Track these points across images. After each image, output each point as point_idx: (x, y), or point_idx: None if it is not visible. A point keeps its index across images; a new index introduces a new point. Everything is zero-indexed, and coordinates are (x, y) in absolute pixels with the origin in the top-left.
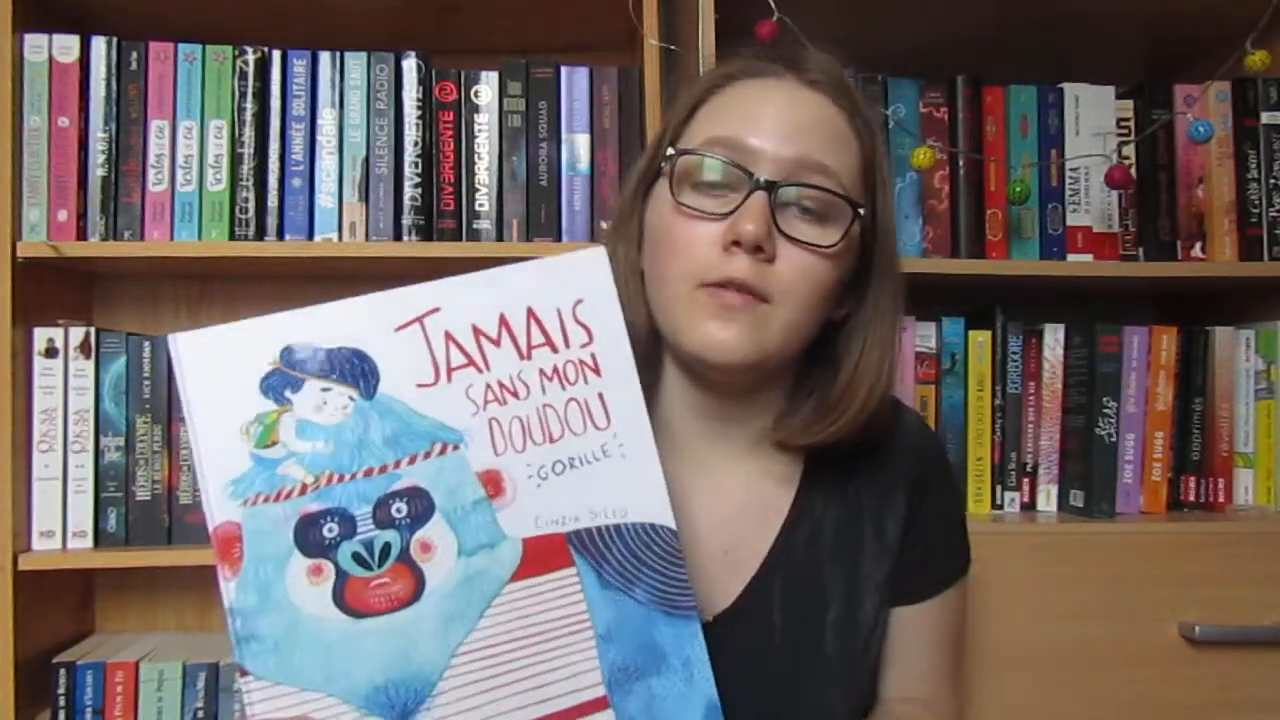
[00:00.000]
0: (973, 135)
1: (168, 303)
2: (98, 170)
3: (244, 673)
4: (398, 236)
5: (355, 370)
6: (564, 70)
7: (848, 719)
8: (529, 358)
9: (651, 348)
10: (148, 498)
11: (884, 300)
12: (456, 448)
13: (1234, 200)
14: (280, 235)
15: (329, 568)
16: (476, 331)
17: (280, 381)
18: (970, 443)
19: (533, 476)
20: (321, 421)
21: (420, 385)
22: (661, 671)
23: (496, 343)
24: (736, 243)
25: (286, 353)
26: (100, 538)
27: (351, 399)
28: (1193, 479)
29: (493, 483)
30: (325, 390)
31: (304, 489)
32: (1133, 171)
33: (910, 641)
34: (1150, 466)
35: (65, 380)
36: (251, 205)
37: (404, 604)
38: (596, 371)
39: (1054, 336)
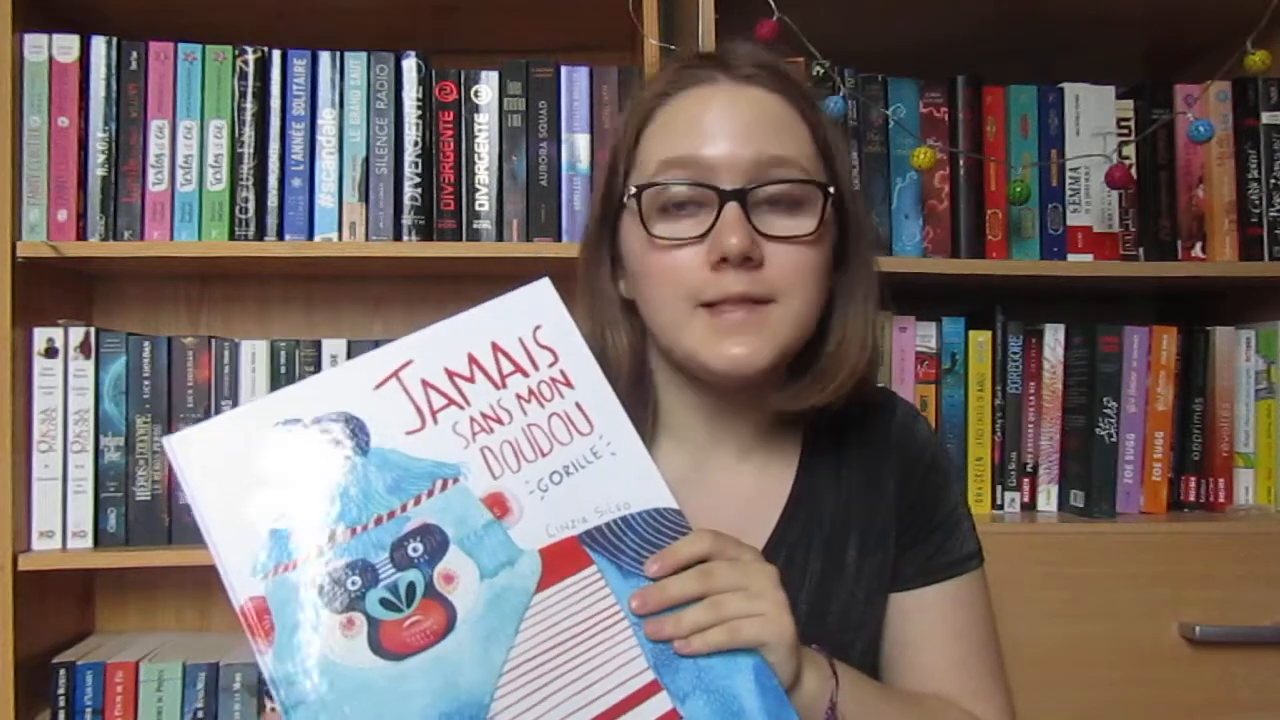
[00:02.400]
0: (973, 135)
1: (168, 303)
2: (98, 170)
3: None
4: (398, 236)
5: (345, 431)
6: (564, 70)
7: None
8: (504, 386)
9: (640, 367)
10: (148, 498)
11: (861, 263)
12: (457, 480)
13: (1234, 200)
14: (280, 235)
15: (360, 619)
16: (450, 374)
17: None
18: (970, 443)
19: (534, 491)
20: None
21: (409, 432)
22: None
23: (471, 380)
24: (724, 259)
25: (278, 429)
26: (100, 538)
27: (348, 458)
28: (1193, 479)
29: (498, 504)
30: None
31: (320, 550)
32: (1133, 171)
33: (926, 634)
34: (1150, 466)
35: (65, 380)
36: (251, 205)
37: (440, 636)
38: (569, 384)
39: (1054, 336)
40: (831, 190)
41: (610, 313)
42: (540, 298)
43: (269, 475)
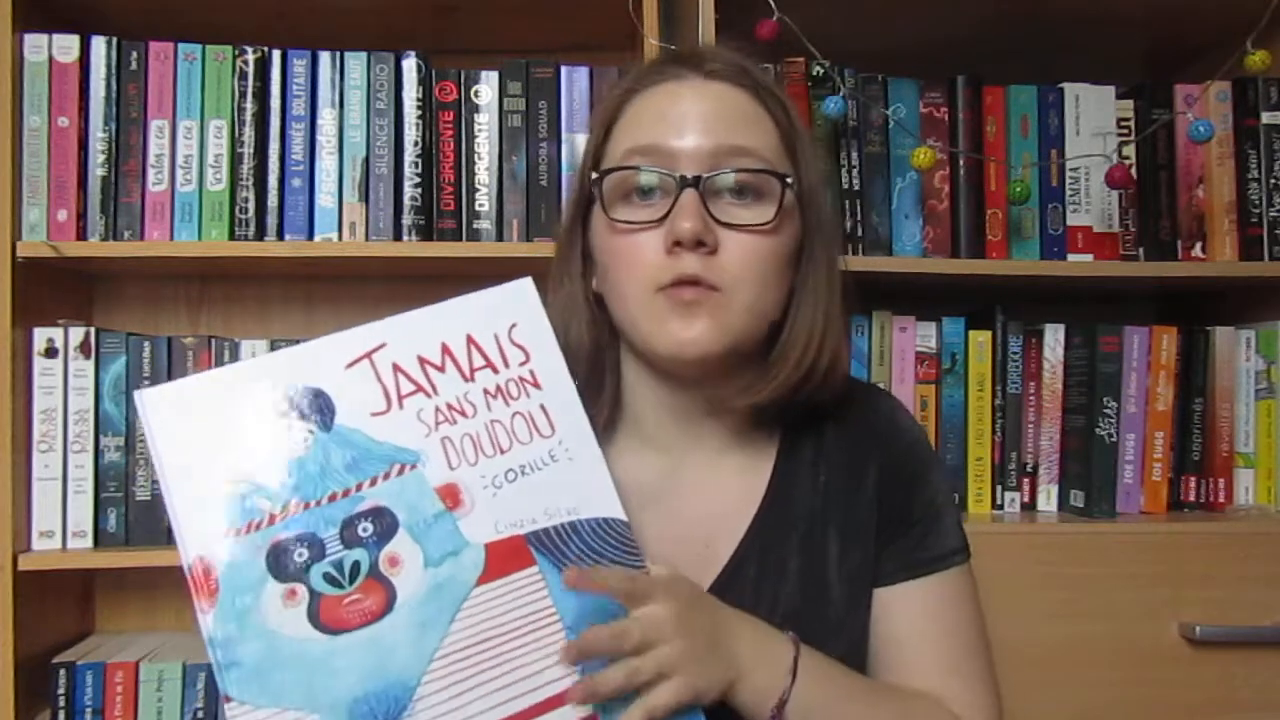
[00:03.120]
0: (973, 135)
1: (168, 303)
2: (98, 170)
3: (228, 699)
4: (398, 236)
5: (312, 406)
6: (564, 70)
7: None
8: (473, 379)
9: (598, 360)
10: (148, 498)
11: (819, 258)
12: (414, 467)
13: (1234, 200)
14: (280, 235)
15: (302, 590)
16: (422, 361)
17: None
18: (970, 443)
19: (488, 486)
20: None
21: (374, 414)
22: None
23: (441, 369)
24: (678, 243)
25: (249, 397)
26: (100, 538)
27: (311, 432)
28: (1193, 479)
29: (451, 495)
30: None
31: (272, 519)
32: (1133, 171)
33: (910, 631)
34: (1150, 466)
35: (65, 380)
36: (251, 205)
37: (377, 617)
38: (536, 385)
39: (1054, 336)
40: (790, 180)
41: (574, 305)
42: (520, 296)
43: (232, 440)
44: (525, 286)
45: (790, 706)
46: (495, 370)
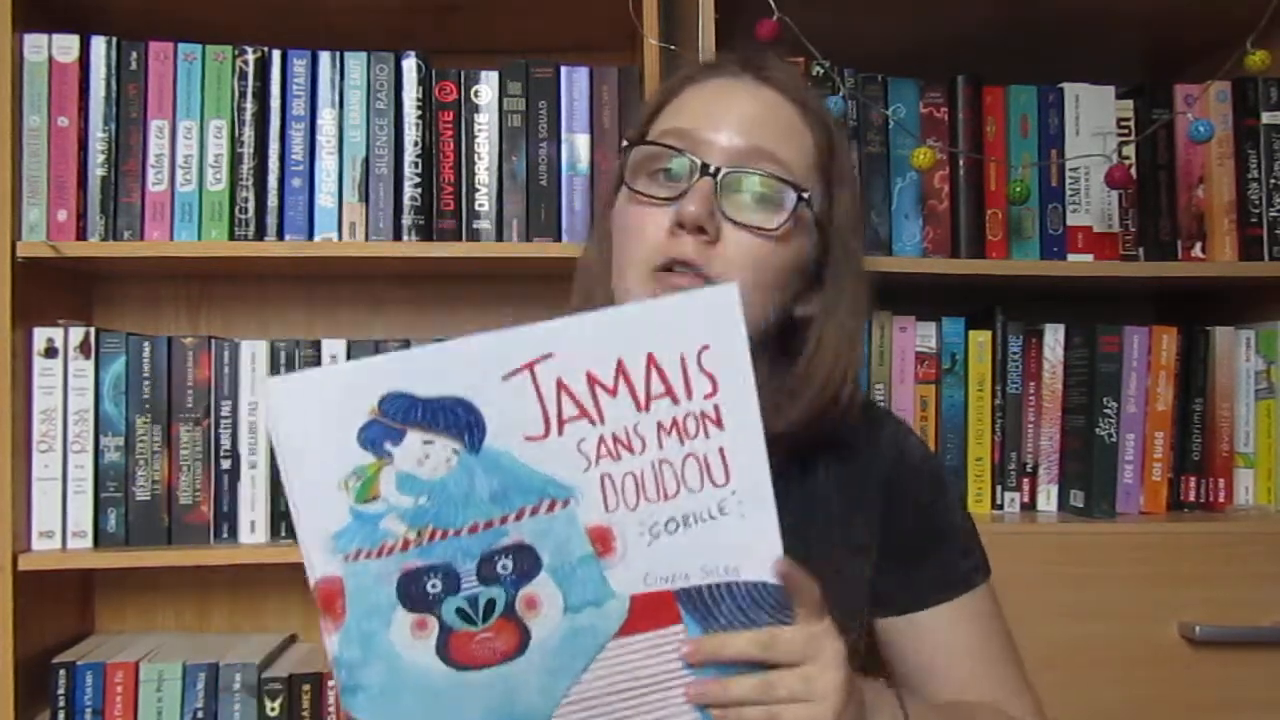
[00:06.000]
0: (973, 135)
1: (167, 303)
2: (97, 170)
3: None
4: (397, 236)
5: (460, 422)
6: (564, 70)
7: None
8: (647, 409)
9: None
10: (147, 498)
11: (842, 295)
12: (566, 504)
13: (1234, 200)
14: (280, 235)
15: (433, 622)
16: (591, 380)
17: (380, 434)
18: (970, 443)
19: (644, 534)
20: (424, 476)
21: (529, 438)
22: None
23: (613, 393)
24: (681, 225)
25: (386, 402)
26: (100, 538)
27: (455, 452)
28: (1193, 479)
29: (602, 540)
30: (428, 443)
31: (406, 545)
32: (1133, 171)
33: (947, 651)
34: (1150, 466)
35: (65, 380)
36: (251, 205)
37: (508, 658)
38: (719, 425)
39: (1054, 336)
40: (805, 195)
41: (590, 279)
42: (721, 309)
43: (367, 451)
44: (729, 295)
45: None
46: (675, 401)
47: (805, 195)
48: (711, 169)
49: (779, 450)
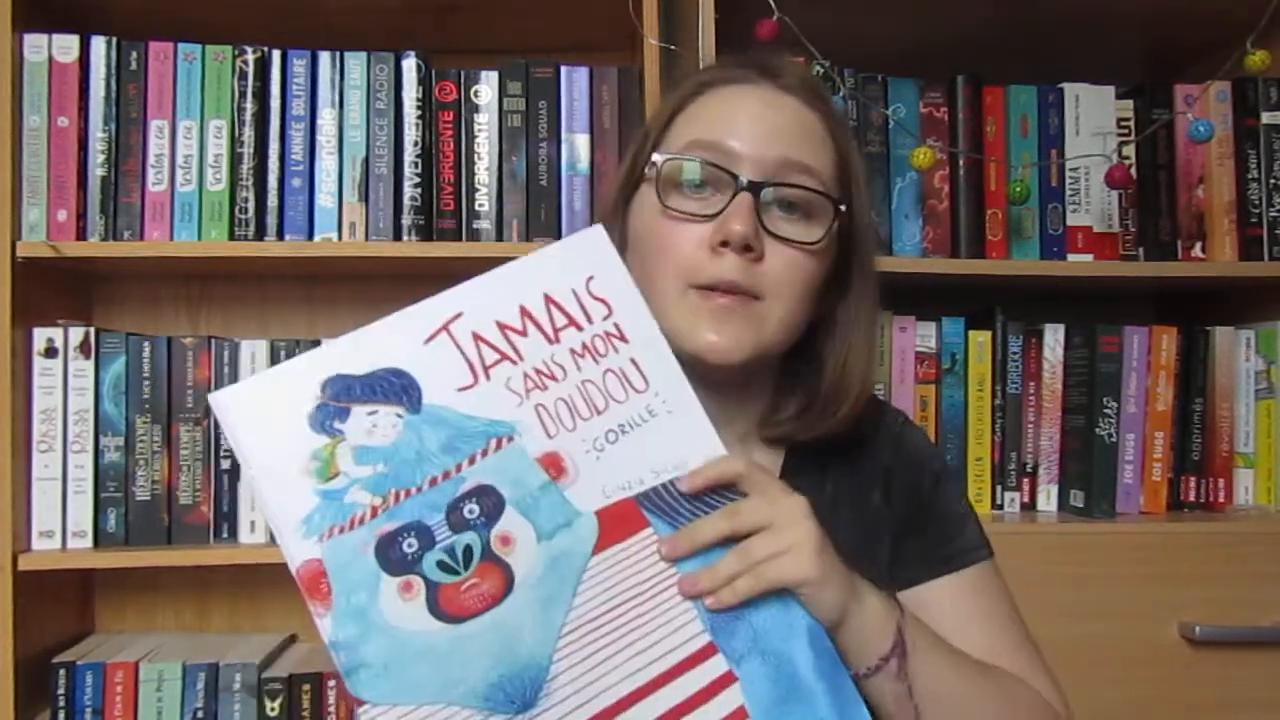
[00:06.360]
0: (973, 135)
1: (167, 303)
2: (97, 170)
3: (360, 703)
4: (397, 236)
5: (396, 387)
6: (564, 70)
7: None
8: (558, 341)
9: None
10: (147, 498)
11: (866, 297)
12: (512, 439)
13: (1234, 200)
14: (280, 235)
15: (418, 582)
16: (501, 327)
17: (327, 414)
18: (970, 443)
19: (590, 451)
20: (376, 444)
21: (461, 388)
22: (756, 605)
23: (523, 333)
24: (725, 243)
25: (326, 386)
26: (100, 538)
27: (400, 416)
28: (1193, 479)
29: (554, 464)
30: (372, 414)
31: (374, 511)
32: (1133, 171)
33: (951, 624)
34: (1150, 466)
35: (65, 380)
36: (251, 205)
37: (498, 600)
38: (623, 339)
39: (1054, 336)
40: (843, 208)
41: None
42: (592, 246)
43: (319, 434)
44: (597, 235)
45: (897, 663)
46: (579, 328)
47: (843, 207)
48: (749, 183)
49: (808, 454)
